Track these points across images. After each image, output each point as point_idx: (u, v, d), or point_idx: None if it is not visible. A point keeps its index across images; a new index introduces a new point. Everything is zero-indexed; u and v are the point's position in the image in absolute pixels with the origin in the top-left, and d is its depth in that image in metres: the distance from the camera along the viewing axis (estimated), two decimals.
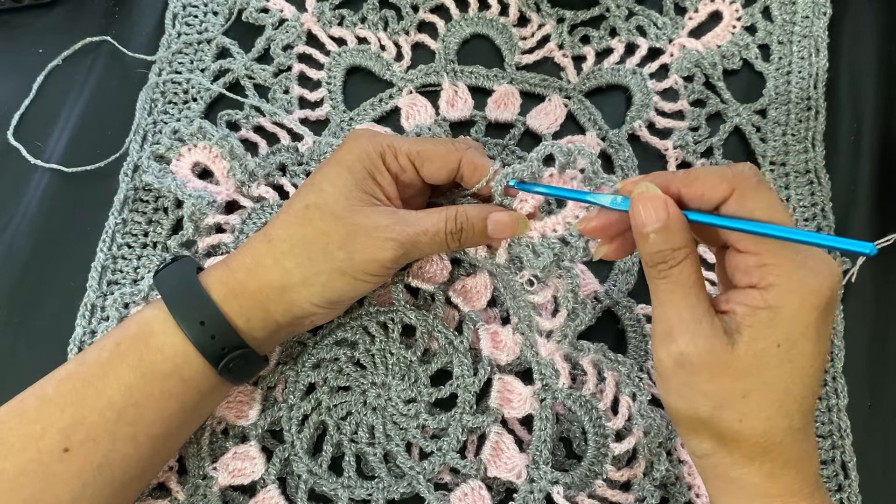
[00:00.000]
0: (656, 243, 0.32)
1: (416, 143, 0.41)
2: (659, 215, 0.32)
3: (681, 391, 0.33)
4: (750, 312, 0.32)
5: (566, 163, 0.38)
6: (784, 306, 0.31)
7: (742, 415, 0.32)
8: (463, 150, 0.41)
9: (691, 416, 0.33)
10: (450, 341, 0.44)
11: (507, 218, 0.39)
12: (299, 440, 0.43)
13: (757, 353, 0.31)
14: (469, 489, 0.42)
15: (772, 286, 0.31)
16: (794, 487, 0.33)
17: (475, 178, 0.40)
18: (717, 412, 0.32)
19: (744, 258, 0.32)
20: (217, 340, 0.37)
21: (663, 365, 0.33)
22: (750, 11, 0.56)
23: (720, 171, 0.32)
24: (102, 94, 0.53)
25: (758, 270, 0.32)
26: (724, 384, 0.32)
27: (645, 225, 0.32)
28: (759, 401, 0.32)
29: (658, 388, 0.35)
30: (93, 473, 0.35)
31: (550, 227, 0.39)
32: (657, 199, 0.32)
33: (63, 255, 0.48)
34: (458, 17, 0.55)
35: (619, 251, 0.37)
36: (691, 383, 0.33)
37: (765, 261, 0.31)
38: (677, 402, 0.34)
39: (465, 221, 0.39)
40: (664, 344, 0.33)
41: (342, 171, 0.39)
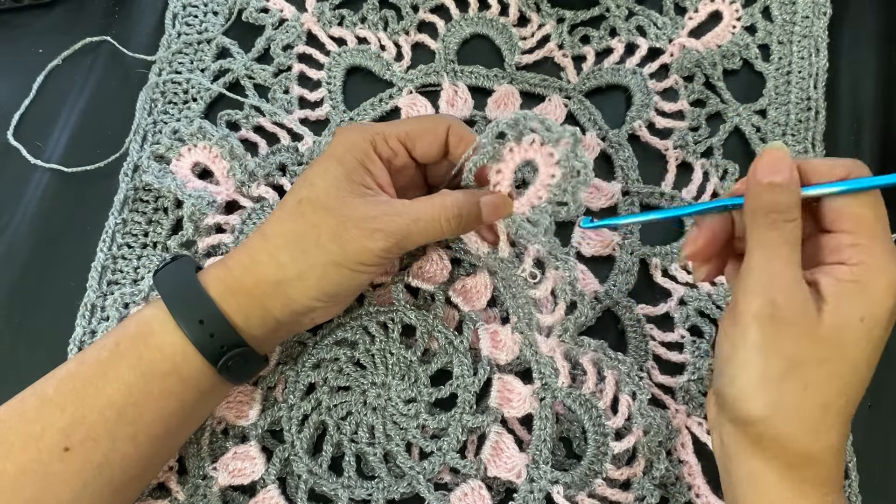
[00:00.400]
0: (777, 195, 0.33)
1: (404, 124, 0.41)
2: (784, 171, 0.33)
3: (759, 346, 0.33)
4: (836, 283, 0.32)
5: (518, 133, 0.38)
6: (871, 284, 0.32)
7: (810, 382, 0.32)
8: (449, 120, 0.41)
9: (757, 375, 0.33)
10: (450, 341, 0.44)
11: (497, 199, 0.39)
12: (299, 440, 0.43)
13: (840, 323, 0.32)
14: (469, 489, 0.42)
15: (862, 263, 0.32)
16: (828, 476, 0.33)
17: (460, 149, 0.41)
18: (787, 374, 0.32)
19: (837, 238, 0.33)
20: (216, 339, 0.37)
21: (751, 315, 0.33)
22: (750, 11, 0.56)
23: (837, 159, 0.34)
24: (102, 94, 0.53)
25: (849, 249, 0.32)
26: (806, 347, 0.32)
27: (769, 175, 0.33)
28: (829, 372, 0.32)
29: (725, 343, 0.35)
30: (93, 473, 0.35)
31: (534, 197, 0.39)
32: (785, 158, 0.33)
33: (63, 255, 0.48)
34: (458, 17, 0.55)
35: (717, 269, 0.38)
36: (775, 339, 0.33)
37: (859, 240, 0.32)
38: (748, 359, 0.33)
39: (463, 207, 0.39)
40: (760, 295, 0.33)
41: (332, 163, 0.39)
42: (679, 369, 0.46)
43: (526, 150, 0.38)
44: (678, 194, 0.50)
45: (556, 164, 0.37)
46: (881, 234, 0.33)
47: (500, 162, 0.39)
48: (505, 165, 0.39)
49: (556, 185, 0.37)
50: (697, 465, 0.43)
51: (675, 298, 0.48)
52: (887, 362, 0.48)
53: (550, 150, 0.37)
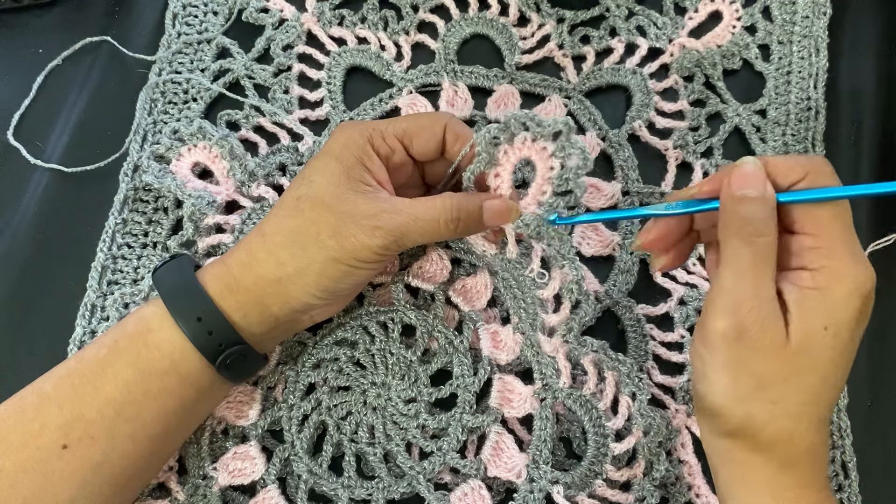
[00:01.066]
0: (752, 209, 0.32)
1: (401, 121, 0.41)
2: (758, 184, 0.32)
3: (727, 365, 0.33)
4: (798, 292, 0.32)
5: (510, 135, 0.38)
6: (833, 289, 0.32)
7: (778, 397, 0.32)
8: (446, 117, 0.41)
9: (727, 392, 0.33)
10: (450, 341, 0.44)
11: (501, 205, 0.39)
12: (299, 440, 0.43)
13: (805, 335, 0.32)
14: (469, 489, 0.42)
15: (823, 268, 0.32)
16: (809, 478, 0.33)
17: (457, 147, 0.41)
18: (756, 391, 0.32)
19: (798, 240, 0.33)
20: (214, 336, 0.37)
21: (718, 336, 0.33)
22: (750, 11, 0.56)
23: (794, 157, 0.34)
24: (102, 94, 0.53)
25: (811, 252, 0.32)
26: (774, 365, 0.32)
27: (743, 189, 0.32)
28: (798, 385, 0.32)
29: (696, 359, 0.35)
30: (92, 471, 0.35)
31: (538, 193, 0.39)
32: (760, 171, 0.33)
33: (63, 255, 0.48)
34: (458, 17, 0.56)
35: (676, 260, 0.37)
36: (742, 359, 0.33)
37: (820, 243, 0.32)
38: (717, 376, 0.34)
39: (463, 210, 0.39)
40: (727, 315, 0.33)
41: (331, 161, 0.39)
42: (679, 369, 0.46)
43: (520, 149, 0.38)
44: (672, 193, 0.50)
45: (552, 156, 0.37)
46: (843, 237, 0.32)
47: (497, 166, 0.39)
48: (502, 168, 0.39)
49: (558, 176, 0.38)
50: (697, 465, 0.43)
51: (674, 298, 0.48)
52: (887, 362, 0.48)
53: (543, 144, 0.37)
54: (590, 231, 0.49)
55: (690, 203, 0.35)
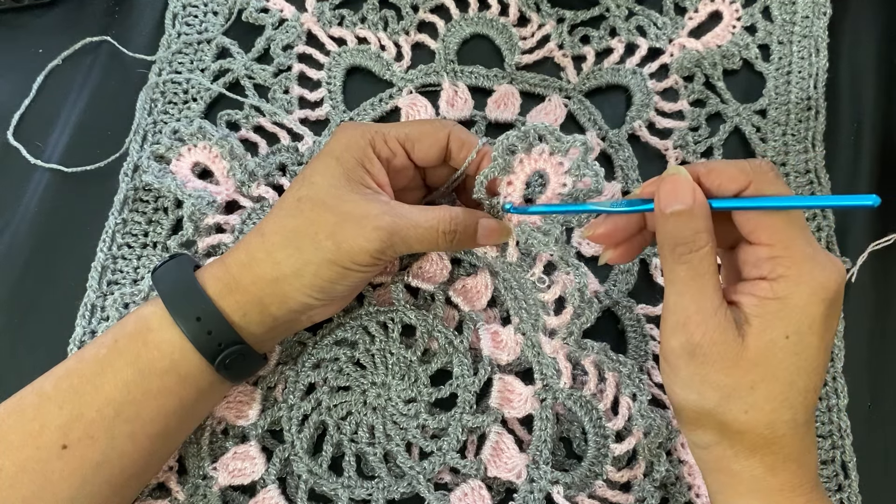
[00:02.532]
0: (680, 225, 0.32)
1: (404, 126, 0.41)
2: (685, 198, 0.32)
3: (690, 381, 0.33)
4: (758, 303, 0.32)
5: (528, 145, 0.38)
6: (793, 297, 0.31)
7: (748, 406, 0.32)
8: (450, 125, 0.41)
9: (697, 406, 0.33)
10: (450, 341, 0.44)
11: (495, 225, 0.40)
12: (299, 440, 0.43)
13: (766, 344, 0.32)
14: (469, 489, 0.42)
15: (781, 277, 0.32)
16: (794, 482, 0.33)
17: (462, 154, 0.41)
18: (723, 403, 0.32)
19: (755, 250, 0.33)
20: (213, 336, 0.37)
21: (675, 354, 0.33)
22: (750, 11, 0.56)
23: (738, 163, 0.33)
24: (102, 94, 0.53)
25: (768, 262, 0.32)
26: (734, 376, 0.32)
27: (671, 205, 0.32)
28: (765, 393, 0.32)
29: (663, 376, 0.35)
30: (91, 471, 0.35)
31: None
32: (686, 182, 0.32)
33: (63, 255, 0.48)
34: (458, 17, 0.55)
35: (624, 255, 0.37)
36: (702, 374, 0.33)
37: (776, 252, 0.32)
38: (684, 392, 0.34)
39: (460, 224, 0.39)
40: (678, 333, 0.33)
41: (331, 162, 0.39)
42: None
43: (536, 160, 0.38)
44: None
45: (567, 173, 0.38)
46: (799, 243, 0.32)
47: (511, 174, 0.39)
48: (515, 177, 0.39)
49: (569, 194, 0.38)
50: None
51: None
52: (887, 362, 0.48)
53: (560, 159, 0.38)
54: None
55: (634, 202, 0.35)
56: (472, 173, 0.42)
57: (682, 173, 0.33)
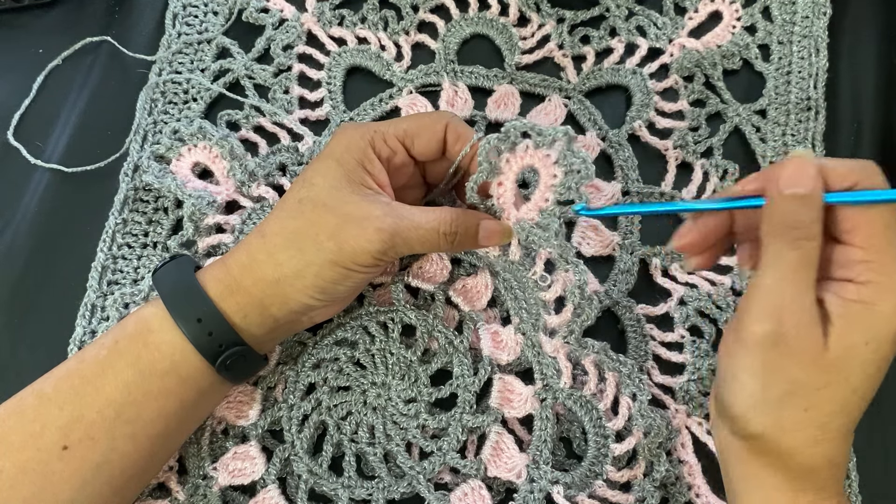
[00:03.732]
0: (800, 209, 0.31)
1: (402, 122, 0.41)
2: (808, 181, 0.31)
3: (761, 368, 0.33)
4: (843, 304, 0.32)
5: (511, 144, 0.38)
6: (879, 304, 0.31)
7: (810, 405, 0.32)
8: (448, 116, 0.41)
9: (756, 396, 0.33)
10: (450, 341, 0.44)
11: (496, 226, 0.40)
12: (299, 440, 0.43)
13: (846, 348, 0.31)
14: (469, 489, 0.42)
15: (870, 282, 0.31)
16: (824, 485, 0.33)
17: (458, 146, 0.41)
18: (787, 398, 0.32)
19: (847, 251, 0.32)
20: (214, 337, 0.37)
21: (755, 338, 0.32)
22: (750, 11, 0.56)
23: (847, 162, 0.32)
24: (102, 94, 0.53)
25: (859, 265, 0.31)
26: (810, 373, 0.32)
27: (790, 186, 0.31)
28: (831, 395, 0.32)
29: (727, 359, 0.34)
30: (92, 472, 0.35)
31: (540, 200, 0.39)
32: (811, 167, 0.31)
33: (63, 255, 0.48)
34: (458, 17, 0.55)
35: (707, 262, 0.37)
36: (777, 364, 0.32)
37: (869, 256, 0.31)
38: (748, 380, 0.33)
39: (461, 225, 0.39)
40: (767, 319, 0.32)
41: (332, 163, 0.39)
42: (679, 369, 0.46)
43: (522, 157, 0.38)
44: (678, 194, 0.50)
45: (555, 164, 0.37)
46: (894, 251, 0.31)
47: (500, 175, 0.39)
48: (505, 177, 0.39)
49: (560, 184, 0.38)
50: (697, 465, 0.43)
51: (675, 298, 0.48)
52: None
53: (546, 152, 0.37)
54: (589, 231, 0.49)
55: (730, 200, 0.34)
56: (467, 167, 0.42)
57: (810, 156, 0.32)
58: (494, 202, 0.40)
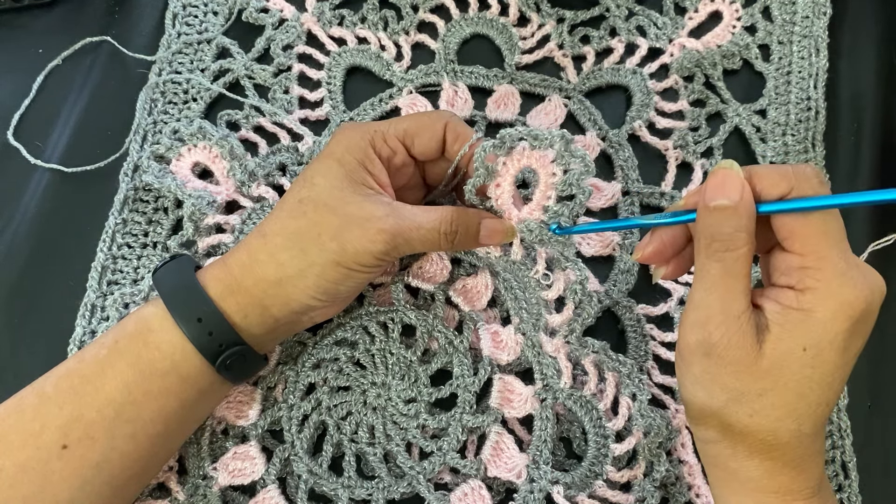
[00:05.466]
0: (721, 221, 0.32)
1: (402, 122, 0.41)
2: (732, 193, 0.31)
3: (700, 378, 0.33)
4: (781, 311, 0.32)
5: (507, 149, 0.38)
6: (816, 311, 0.31)
7: (754, 411, 0.32)
8: (447, 116, 0.41)
9: (704, 403, 0.33)
10: (450, 341, 0.44)
11: (498, 225, 0.40)
12: (299, 440, 0.43)
13: (781, 354, 0.31)
14: (469, 489, 0.42)
15: (809, 289, 0.31)
16: (792, 487, 0.33)
17: (457, 146, 0.41)
18: (730, 404, 0.33)
19: (787, 258, 0.32)
20: (214, 337, 0.37)
21: (690, 350, 0.33)
22: (750, 11, 0.56)
23: (780, 168, 0.32)
24: (102, 94, 0.52)
25: (798, 272, 0.31)
26: (745, 380, 0.32)
27: (715, 198, 0.32)
28: (773, 401, 0.32)
29: (677, 370, 0.35)
30: (91, 471, 0.35)
31: (543, 198, 0.39)
32: (736, 177, 0.32)
33: (63, 255, 0.48)
34: (458, 17, 0.55)
35: (678, 269, 0.37)
36: (714, 373, 0.33)
37: (808, 263, 0.31)
38: (693, 388, 0.34)
39: (461, 224, 0.39)
40: (698, 330, 0.33)
41: (332, 163, 0.39)
42: None
43: (519, 159, 0.39)
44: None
45: (553, 162, 0.38)
46: (832, 256, 0.31)
47: (497, 177, 0.39)
48: (502, 179, 0.39)
49: (561, 181, 0.38)
50: (697, 465, 0.43)
51: (675, 298, 0.48)
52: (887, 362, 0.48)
53: (542, 152, 0.38)
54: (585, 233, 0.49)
55: (678, 214, 0.35)
56: (467, 167, 0.42)
57: (735, 168, 0.32)
58: (493, 204, 0.40)
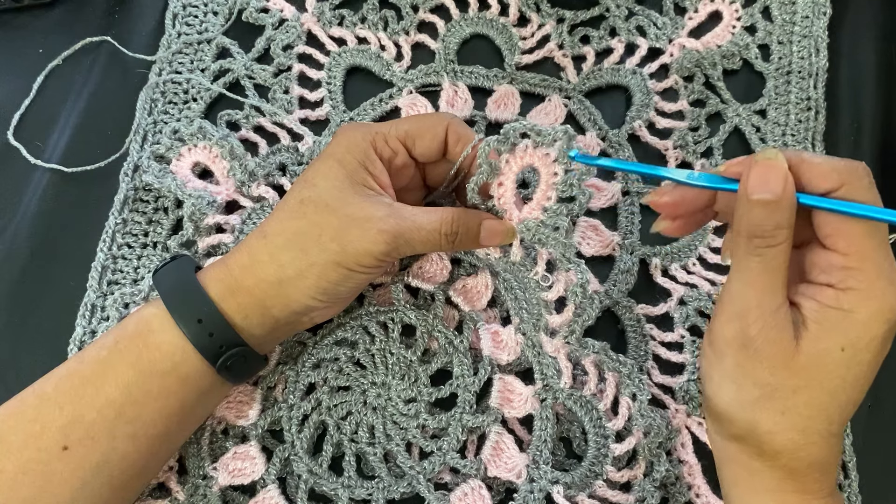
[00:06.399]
0: (763, 216, 0.31)
1: (403, 123, 0.41)
2: (776, 186, 0.30)
3: (732, 372, 0.33)
4: (820, 310, 0.31)
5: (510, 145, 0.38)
6: (857, 312, 0.31)
7: (786, 408, 0.32)
8: (448, 118, 0.41)
9: (733, 398, 0.33)
10: (450, 341, 0.44)
11: (499, 226, 0.40)
12: (299, 440, 0.43)
13: (819, 353, 0.31)
14: (469, 489, 0.42)
15: (851, 290, 0.31)
16: (812, 487, 0.33)
17: (459, 148, 0.41)
18: (762, 400, 0.32)
19: (828, 256, 0.32)
20: (215, 338, 0.37)
21: (725, 342, 0.33)
22: (750, 11, 0.56)
23: (833, 161, 0.31)
24: (102, 94, 0.52)
25: (840, 272, 0.31)
26: (780, 377, 0.32)
27: (758, 191, 0.31)
28: (807, 399, 0.32)
29: (704, 362, 0.35)
30: (92, 472, 0.35)
31: (543, 199, 0.39)
32: (780, 170, 0.31)
33: (63, 255, 0.48)
34: (458, 17, 0.55)
35: (681, 229, 0.36)
36: (748, 368, 0.32)
37: (851, 263, 0.31)
38: (723, 382, 0.33)
39: (462, 225, 0.39)
40: (735, 323, 0.32)
41: (333, 164, 0.39)
42: (679, 369, 0.46)
43: (522, 157, 0.39)
44: None
45: (555, 162, 0.38)
46: (876, 257, 0.30)
47: (500, 175, 0.39)
48: (505, 177, 0.39)
49: (562, 182, 0.38)
50: (697, 464, 0.43)
51: (674, 298, 0.48)
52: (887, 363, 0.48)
53: (545, 150, 0.38)
54: (590, 231, 0.49)
55: (713, 178, 0.33)
56: (468, 169, 0.42)
57: (779, 159, 0.31)
58: (495, 203, 0.40)
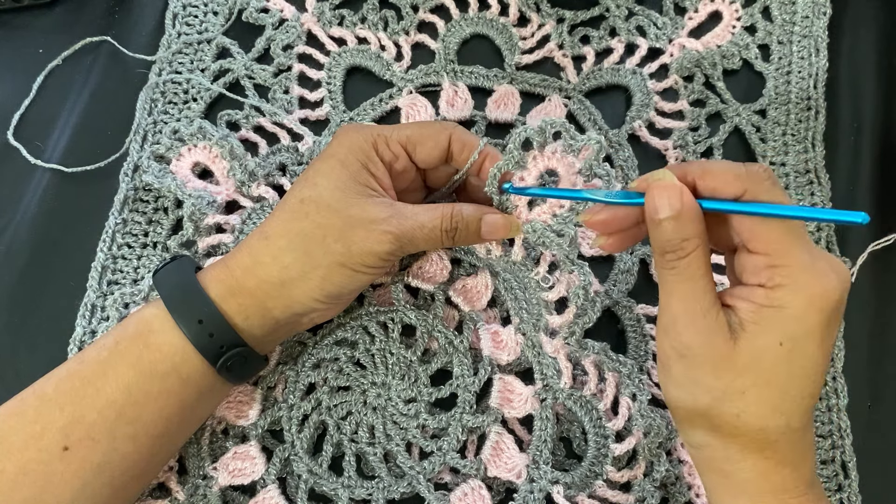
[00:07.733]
0: (668, 232, 0.32)
1: (406, 128, 0.41)
2: (673, 204, 0.32)
3: (681, 382, 0.34)
4: (754, 309, 0.32)
5: (543, 140, 0.38)
6: (789, 306, 0.31)
7: (740, 410, 0.32)
8: (451, 127, 0.41)
9: (690, 406, 0.34)
10: (450, 341, 0.44)
11: (500, 220, 0.40)
12: (299, 440, 0.43)
13: (758, 350, 0.32)
14: (469, 489, 0.42)
15: (779, 286, 0.31)
16: (786, 485, 0.33)
17: (464, 155, 0.41)
18: (715, 405, 0.33)
19: (753, 259, 0.33)
20: (215, 339, 0.37)
21: (666, 355, 0.34)
22: (750, 11, 0.56)
23: (735, 168, 0.32)
24: (102, 94, 0.52)
25: (766, 271, 0.32)
26: (725, 379, 0.32)
27: (658, 212, 0.32)
28: (756, 398, 0.32)
29: (659, 377, 0.36)
30: (92, 472, 0.35)
31: (556, 205, 0.39)
32: (673, 188, 0.32)
33: (63, 255, 0.48)
34: (458, 17, 0.55)
35: (617, 245, 0.37)
36: (692, 375, 0.33)
37: (774, 262, 0.32)
38: (677, 393, 0.34)
39: (461, 220, 0.40)
40: (667, 334, 0.33)
41: (335, 164, 0.39)
42: None
43: (549, 158, 0.39)
44: None
45: (578, 173, 0.38)
46: (796, 251, 0.31)
47: (524, 170, 0.39)
48: (528, 173, 0.39)
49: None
50: None
51: None
52: (887, 362, 0.48)
53: (572, 159, 0.38)
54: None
55: (630, 195, 0.35)
56: (475, 174, 0.42)
57: (668, 178, 0.33)
58: (509, 197, 0.40)
